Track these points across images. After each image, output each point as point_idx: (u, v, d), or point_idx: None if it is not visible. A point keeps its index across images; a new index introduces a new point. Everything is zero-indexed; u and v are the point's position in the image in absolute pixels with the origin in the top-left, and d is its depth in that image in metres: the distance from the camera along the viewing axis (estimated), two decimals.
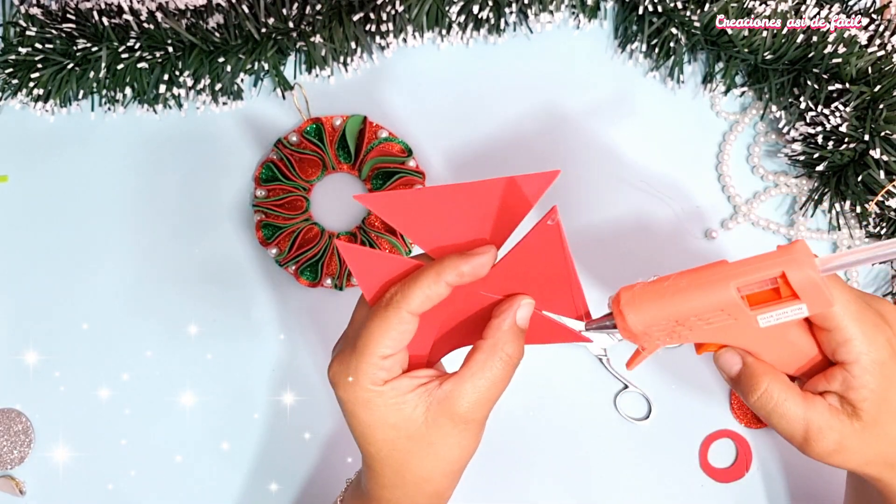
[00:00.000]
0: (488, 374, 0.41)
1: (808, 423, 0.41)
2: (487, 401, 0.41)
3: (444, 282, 0.40)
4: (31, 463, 0.60)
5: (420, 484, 0.43)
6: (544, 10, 0.61)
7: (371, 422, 0.41)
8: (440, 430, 0.41)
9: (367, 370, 0.40)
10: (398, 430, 0.41)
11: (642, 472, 0.60)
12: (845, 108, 0.56)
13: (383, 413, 0.41)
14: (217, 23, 0.60)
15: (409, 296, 0.40)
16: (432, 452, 0.42)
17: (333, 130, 0.62)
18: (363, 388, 0.40)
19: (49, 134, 0.63)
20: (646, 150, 0.62)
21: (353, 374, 0.40)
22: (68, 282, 0.62)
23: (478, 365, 0.41)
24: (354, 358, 0.40)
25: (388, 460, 0.42)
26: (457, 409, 0.41)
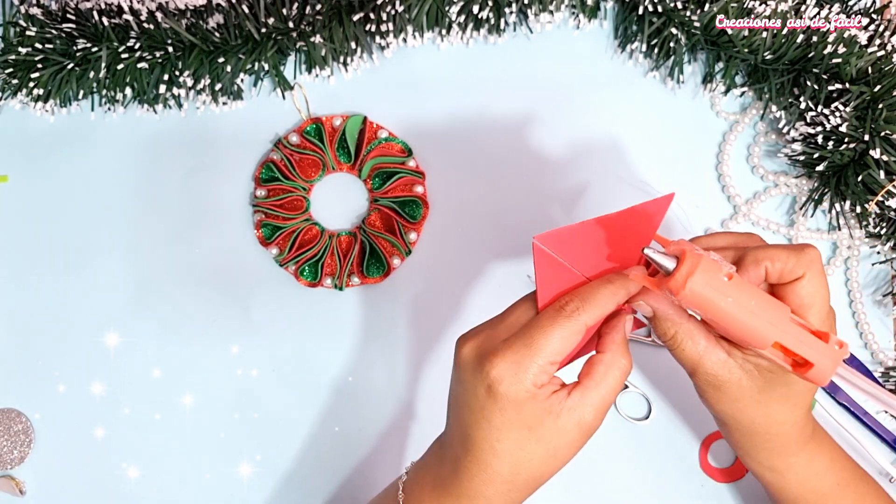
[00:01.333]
0: (610, 385, 0.43)
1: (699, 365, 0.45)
2: (607, 409, 0.44)
3: (616, 300, 0.43)
4: (31, 463, 0.60)
5: (531, 483, 0.44)
6: (544, 10, 0.61)
7: (513, 420, 0.42)
8: (567, 436, 0.43)
9: (537, 371, 0.42)
10: (532, 433, 0.43)
11: (642, 472, 0.60)
12: (845, 108, 0.56)
13: (529, 415, 0.42)
14: (217, 23, 0.60)
15: (589, 310, 0.42)
16: (553, 455, 0.43)
17: (333, 130, 0.62)
18: (526, 387, 0.42)
19: (49, 134, 0.63)
20: (646, 150, 0.63)
21: (524, 372, 0.42)
22: (68, 281, 0.62)
23: (600, 376, 0.43)
24: (529, 357, 0.42)
25: (509, 459, 0.43)
26: (585, 418, 0.43)
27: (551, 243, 0.44)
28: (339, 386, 0.61)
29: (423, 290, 0.61)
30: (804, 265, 0.43)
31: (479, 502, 0.45)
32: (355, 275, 0.61)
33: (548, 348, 0.42)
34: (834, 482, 0.49)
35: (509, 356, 0.42)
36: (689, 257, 0.40)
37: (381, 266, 0.61)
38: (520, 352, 0.42)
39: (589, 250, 0.44)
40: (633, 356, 0.60)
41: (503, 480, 0.44)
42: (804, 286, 0.43)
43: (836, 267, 0.61)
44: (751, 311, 0.40)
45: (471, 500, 0.45)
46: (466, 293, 0.61)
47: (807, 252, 0.43)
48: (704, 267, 0.40)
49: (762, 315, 0.40)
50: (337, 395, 0.61)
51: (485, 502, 0.45)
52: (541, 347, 0.42)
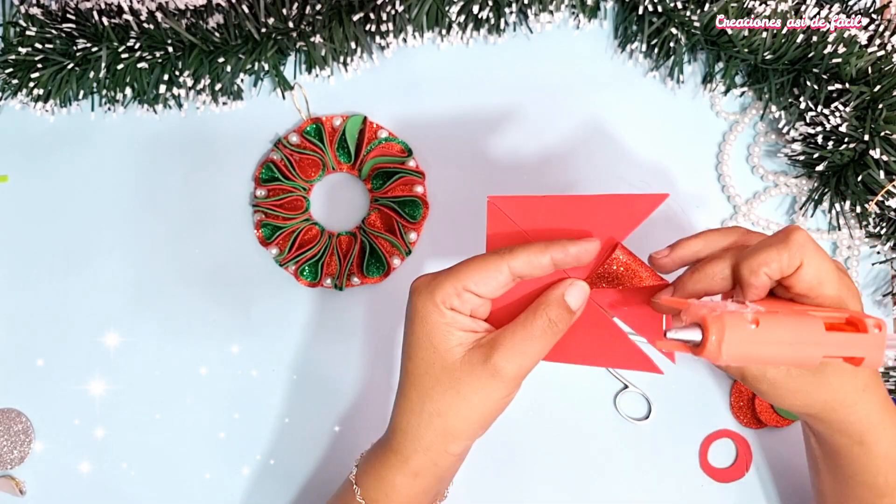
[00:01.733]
0: (528, 331, 0.43)
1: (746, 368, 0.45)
2: (520, 355, 0.43)
3: (550, 254, 0.43)
4: (31, 463, 0.60)
5: (433, 417, 0.45)
6: (544, 10, 0.61)
7: (420, 336, 0.44)
8: (471, 373, 0.43)
9: (447, 290, 0.43)
10: (437, 355, 0.44)
11: (642, 472, 0.60)
12: (845, 108, 0.56)
13: (433, 332, 0.44)
14: (217, 23, 0.60)
15: (516, 253, 0.43)
16: (455, 388, 0.44)
17: (333, 130, 0.62)
18: (433, 302, 0.43)
19: (49, 134, 0.63)
20: (646, 150, 0.63)
21: (434, 287, 0.43)
22: (68, 281, 0.62)
23: (520, 322, 0.44)
24: (443, 276, 0.44)
25: (417, 382, 0.45)
26: (490, 357, 0.43)
27: (507, 205, 0.44)
28: (339, 386, 0.61)
29: None
30: (797, 254, 0.42)
31: (398, 437, 0.46)
32: (355, 275, 0.61)
33: (465, 274, 0.43)
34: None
35: (429, 274, 0.45)
36: (712, 323, 0.39)
37: (381, 266, 0.61)
38: (441, 273, 0.44)
39: (548, 224, 0.44)
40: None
41: (412, 410, 0.45)
42: (807, 272, 0.42)
43: None
44: (789, 344, 0.39)
45: (392, 435, 0.46)
46: None
47: (793, 240, 0.42)
48: (731, 326, 0.39)
49: (801, 342, 0.40)
50: (337, 395, 0.61)
51: (401, 437, 0.46)
52: (459, 271, 0.43)
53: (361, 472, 0.49)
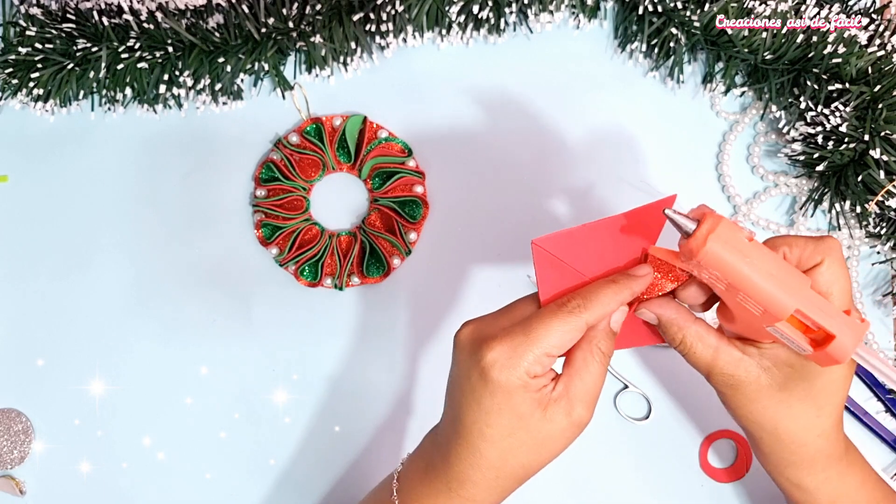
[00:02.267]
0: (592, 370, 0.44)
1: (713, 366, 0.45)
2: (595, 395, 0.44)
3: (620, 299, 0.44)
4: (31, 463, 0.60)
5: (518, 472, 0.45)
6: (544, 10, 0.61)
7: (502, 406, 0.43)
8: (555, 427, 0.44)
9: (532, 360, 0.42)
10: (521, 421, 0.43)
11: (642, 472, 0.60)
12: (845, 108, 0.56)
13: (519, 403, 0.43)
14: (217, 23, 0.60)
15: (590, 308, 0.43)
16: (541, 446, 0.44)
17: (333, 130, 0.62)
18: (519, 375, 0.42)
19: (49, 134, 0.63)
20: (646, 150, 0.63)
21: (517, 362, 0.42)
22: (68, 281, 0.62)
23: (579, 364, 0.44)
24: (525, 345, 0.42)
25: (498, 445, 0.44)
26: (571, 408, 0.44)
27: (550, 245, 0.44)
28: (339, 386, 0.61)
29: (423, 290, 0.61)
30: (822, 252, 0.42)
31: (467, 487, 0.45)
32: (355, 275, 0.61)
33: (546, 340, 0.42)
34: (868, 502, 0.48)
35: (506, 342, 0.43)
36: (709, 217, 0.40)
37: (381, 266, 0.61)
38: (517, 339, 0.43)
39: (590, 253, 0.44)
40: (632, 356, 0.60)
41: (490, 466, 0.44)
42: (823, 273, 0.42)
43: None
44: (771, 275, 0.39)
45: (460, 485, 0.45)
46: (466, 293, 0.61)
47: (826, 241, 0.43)
48: (725, 225, 0.39)
49: (784, 280, 0.39)
50: (337, 395, 0.61)
51: (472, 487, 0.45)
52: (539, 338, 0.42)
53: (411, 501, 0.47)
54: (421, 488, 0.47)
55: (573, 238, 0.44)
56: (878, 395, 0.60)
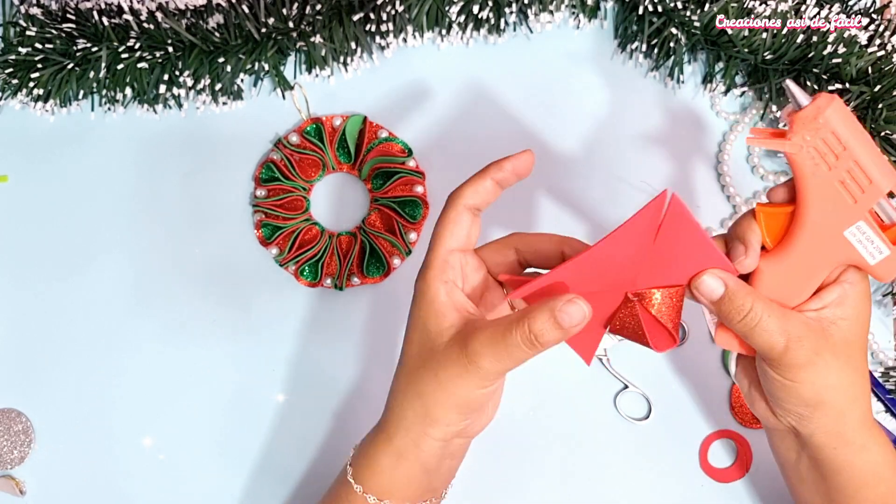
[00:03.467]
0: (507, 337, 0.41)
1: (788, 334, 0.44)
2: (496, 357, 0.42)
3: (490, 177, 0.46)
4: (31, 463, 0.60)
5: (415, 397, 0.45)
6: (544, 10, 0.61)
7: (419, 316, 0.45)
8: (449, 359, 0.43)
9: (435, 263, 0.45)
10: (428, 338, 0.44)
11: (642, 472, 0.60)
12: None
13: (430, 312, 0.45)
14: (217, 23, 0.60)
15: (462, 192, 0.46)
16: (434, 371, 0.44)
17: (333, 130, 0.62)
18: (428, 280, 0.45)
19: (49, 134, 0.63)
20: (646, 150, 0.63)
21: (426, 267, 0.45)
22: (69, 281, 0.62)
23: (504, 323, 0.42)
24: (428, 254, 0.46)
25: (408, 362, 0.46)
26: (467, 346, 0.42)
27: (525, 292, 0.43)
28: (340, 386, 0.61)
29: None
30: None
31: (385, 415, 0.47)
32: (355, 275, 0.61)
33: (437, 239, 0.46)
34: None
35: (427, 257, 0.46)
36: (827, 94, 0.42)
37: (381, 266, 0.61)
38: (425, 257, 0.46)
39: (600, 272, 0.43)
40: (632, 356, 0.60)
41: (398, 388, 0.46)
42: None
43: None
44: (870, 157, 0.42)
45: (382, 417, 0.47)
46: None
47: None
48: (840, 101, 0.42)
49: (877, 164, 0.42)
50: (337, 395, 0.61)
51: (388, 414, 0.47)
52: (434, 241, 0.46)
53: (356, 454, 0.49)
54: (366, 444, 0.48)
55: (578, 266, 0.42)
56: (878, 396, 0.60)
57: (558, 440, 0.60)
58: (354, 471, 0.48)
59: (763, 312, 0.43)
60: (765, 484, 0.60)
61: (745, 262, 0.44)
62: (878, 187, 0.42)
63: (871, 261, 0.43)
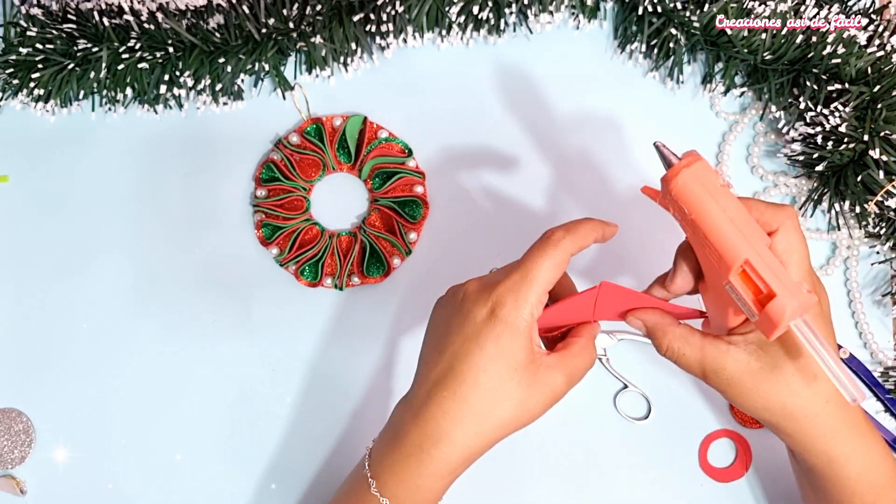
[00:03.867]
0: (582, 360, 0.47)
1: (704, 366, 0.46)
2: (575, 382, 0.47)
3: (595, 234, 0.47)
4: (31, 462, 0.60)
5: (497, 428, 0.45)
6: (544, 11, 0.61)
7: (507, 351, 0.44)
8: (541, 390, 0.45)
9: (535, 299, 0.44)
10: (516, 372, 0.44)
11: (642, 472, 0.60)
12: (845, 109, 0.56)
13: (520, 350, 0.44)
14: (217, 23, 0.60)
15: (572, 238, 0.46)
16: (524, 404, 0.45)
17: (334, 130, 0.62)
18: (525, 315, 0.44)
19: (49, 134, 0.63)
20: (645, 150, 0.63)
21: (524, 299, 0.44)
22: (68, 281, 0.62)
23: (577, 349, 0.47)
24: (527, 284, 0.44)
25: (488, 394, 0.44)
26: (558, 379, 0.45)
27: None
28: (340, 386, 0.61)
29: (423, 290, 0.61)
30: (779, 220, 0.43)
31: (443, 444, 0.45)
32: (355, 275, 0.61)
33: (541, 275, 0.44)
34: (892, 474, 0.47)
35: (510, 283, 0.44)
36: (692, 155, 0.43)
37: (381, 266, 0.61)
38: (518, 280, 0.44)
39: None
40: (632, 356, 0.61)
41: (474, 418, 0.44)
42: (780, 240, 0.43)
43: (835, 267, 0.61)
44: (732, 220, 0.41)
45: (434, 443, 0.45)
46: None
47: (784, 209, 0.44)
48: (702, 165, 0.42)
49: (743, 228, 0.41)
50: (337, 395, 0.61)
51: (448, 445, 0.45)
52: (536, 275, 0.44)
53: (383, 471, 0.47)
54: (392, 455, 0.46)
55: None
56: (878, 395, 0.60)
57: (558, 440, 0.60)
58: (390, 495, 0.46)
59: (680, 348, 0.46)
60: (764, 484, 0.60)
61: (671, 286, 0.47)
62: (725, 263, 0.41)
63: (752, 318, 0.41)
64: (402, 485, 0.46)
